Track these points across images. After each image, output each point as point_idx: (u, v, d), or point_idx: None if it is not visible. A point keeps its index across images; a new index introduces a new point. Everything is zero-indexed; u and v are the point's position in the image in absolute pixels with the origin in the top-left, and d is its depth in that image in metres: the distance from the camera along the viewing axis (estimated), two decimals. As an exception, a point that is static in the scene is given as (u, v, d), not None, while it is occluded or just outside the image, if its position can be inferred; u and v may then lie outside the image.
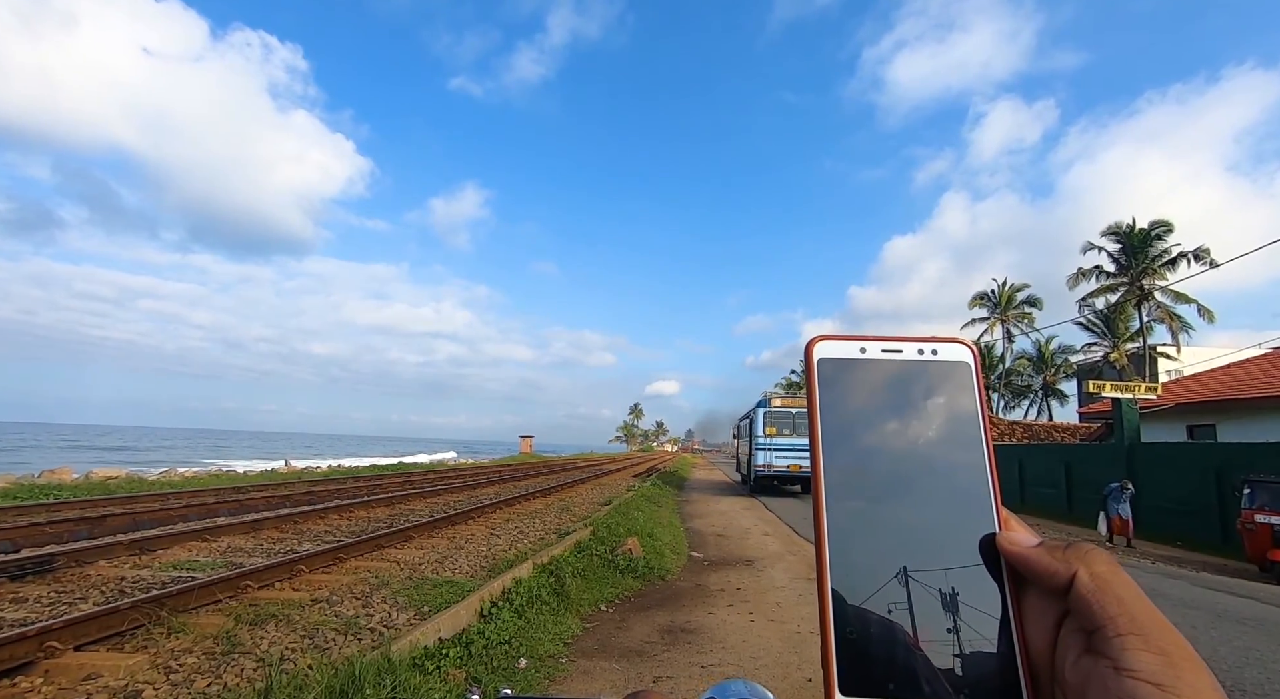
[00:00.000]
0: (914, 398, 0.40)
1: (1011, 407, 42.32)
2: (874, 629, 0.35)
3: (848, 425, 0.39)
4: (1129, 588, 0.32)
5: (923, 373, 0.41)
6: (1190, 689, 0.28)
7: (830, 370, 0.41)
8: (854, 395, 0.40)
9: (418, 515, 11.22)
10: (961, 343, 0.42)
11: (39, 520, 8.40)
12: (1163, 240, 30.11)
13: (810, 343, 0.41)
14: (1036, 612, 0.35)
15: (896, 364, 0.41)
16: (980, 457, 0.39)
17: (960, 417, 0.40)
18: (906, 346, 0.41)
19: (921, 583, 0.36)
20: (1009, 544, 0.36)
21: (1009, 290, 41.52)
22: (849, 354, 0.41)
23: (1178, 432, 19.44)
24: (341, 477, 20.82)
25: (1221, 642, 5.75)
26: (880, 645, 0.35)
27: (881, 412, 0.40)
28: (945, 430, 0.39)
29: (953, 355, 0.41)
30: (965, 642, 0.35)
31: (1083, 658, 0.32)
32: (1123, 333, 32.60)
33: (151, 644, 4.35)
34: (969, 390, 0.40)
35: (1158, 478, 14.40)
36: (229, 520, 9.54)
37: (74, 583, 5.92)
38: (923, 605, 0.36)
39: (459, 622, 4.91)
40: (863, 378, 0.41)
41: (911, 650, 0.35)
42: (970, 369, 0.41)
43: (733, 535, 11.73)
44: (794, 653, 5.02)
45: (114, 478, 17.10)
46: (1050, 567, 0.34)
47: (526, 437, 71.72)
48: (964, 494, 0.38)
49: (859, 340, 0.42)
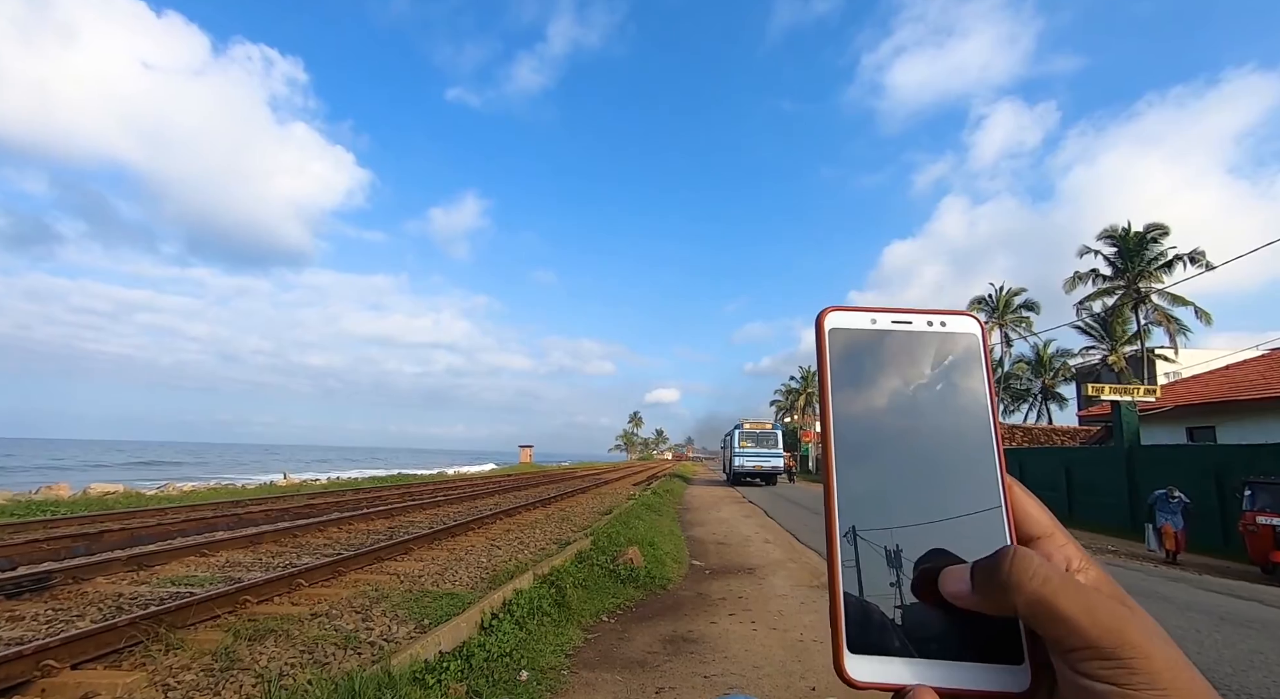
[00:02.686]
0: (922, 367, 0.41)
1: (1011, 411, 42.31)
2: (881, 590, 0.37)
3: (857, 393, 0.41)
4: (1067, 597, 0.31)
5: (931, 344, 0.42)
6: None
7: (840, 340, 0.42)
8: (863, 364, 0.42)
9: (417, 527, 11.17)
10: (970, 316, 0.43)
11: (36, 537, 8.35)
12: (1158, 243, 30.27)
13: (821, 313, 0.43)
14: None
15: (906, 335, 0.42)
16: (986, 426, 0.40)
17: (967, 387, 0.41)
18: (916, 318, 0.43)
19: (926, 546, 0.38)
20: (948, 585, 0.36)
21: (1006, 294, 41.67)
22: (859, 325, 0.43)
23: (1177, 434, 19.45)
24: (340, 489, 20.73)
25: (1225, 645, 5.73)
26: (887, 605, 0.37)
27: (890, 380, 0.41)
28: (952, 400, 0.41)
29: (961, 328, 0.43)
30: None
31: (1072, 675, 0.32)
32: (1120, 336, 32.66)
33: (150, 661, 4.31)
34: (977, 362, 0.42)
35: (1158, 480, 14.37)
36: (227, 535, 9.49)
37: (71, 600, 5.87)
38: (928, 568, 0.37)
39: (459, 634, 4.88)
40: (873, 347, 0.42)
41: (917, 610, 0.37)
42: (978, 341, 0.42)
43: (734, 543, 11.69)
44: (797, 662, 4.99)
45: (111, 493, 17.03)
46: (988, 606, 0.34)
47: (526, 446, 71.59)
48: (970, 461, 0.40)
49: (869, 311, 0.43)
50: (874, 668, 0.36)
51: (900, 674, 0.36)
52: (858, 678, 0.36)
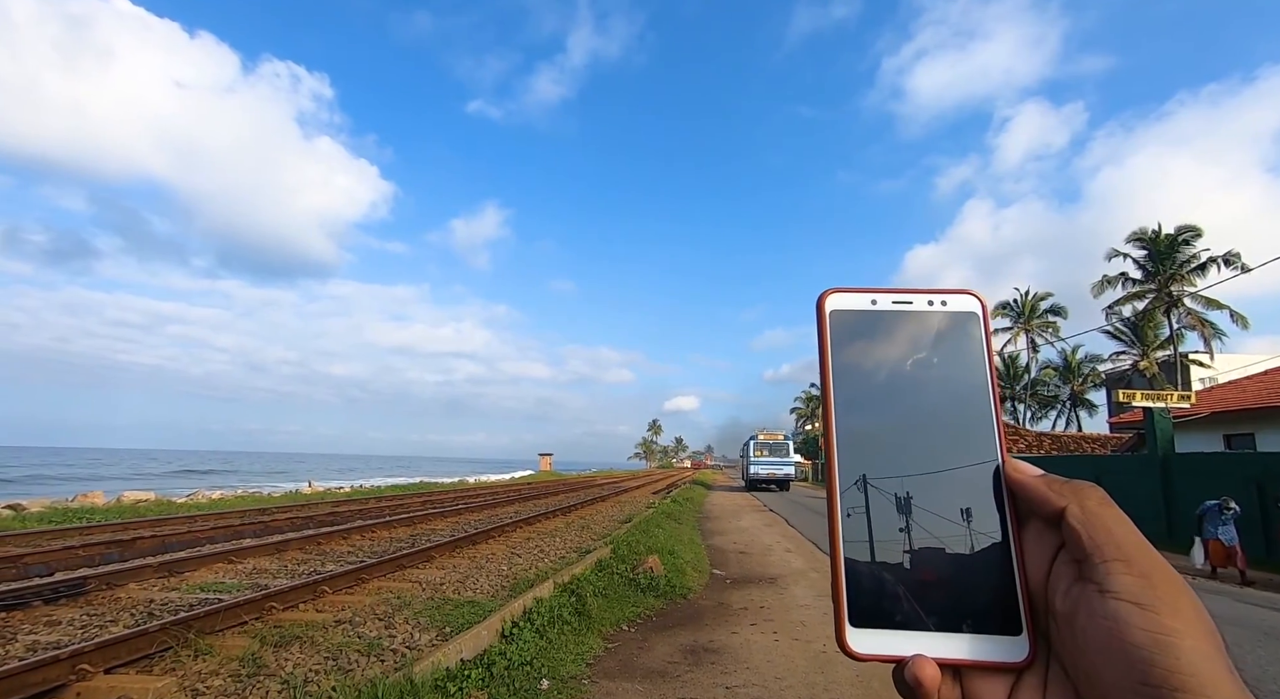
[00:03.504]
0: (923, 346, 0.42)
1: (1038, 417, 41.42)
2: (881, 565, 0.38)
3: (858, 373, 0.42)
4: (1118, 520, 0.34)
5: (932, 323, 0.43)
6: (1169, 606, 0.31)
7: (841, 321, 0.43)
8: (864, 344, 0.42)
9: (439, 535, 11.26)
10: (970, 294, 0.44)
11: (72, 544, 8.58)
12: (1190, 245, 29.48)
13: (822, 295, 0.44)
14: (1035, 546, 0.38)
15: (907, 314, 0.43)
16: (987, 405, 0.41)
17: (969, 365, 0.42)
18: (917, 298, 0.43)
19: (928, 521, 0.38)
20: (1014, 472, 0.38)
21: (1031, 299, 40.87)
22: (860, 306, 0.43)
23: (1214, 441, 18.84)
24: (363, 497, 20.99)
25: (1271, 660, 5.51)
26: (888, 580, 0.38)
27: (890, 359, 0.42)
28: (954, 378, 0.41)
29: (962, 306, 0.43)
30: (968, 575, 0.38)
31: (1073, 586, 0.34)
32: (1152, 341, 31.83)
33: (179, 666, 4.40)
34: (977, 340, 0.42)
35: (1195, 490, 13.93)
36: (254, 542, 9.65)
37: (105, 605, 6.02)
38: (928, 542, 0.38)
39: (481, 642, 4.89)
40: (874, 327, 0.43)
41: (917, 583, 0.38)
42: (979, 319, 0.43)
43: (754, 552, 11.57)
44: (820, 673, 4.92)
45: (143, 501, 17.44)
46: (1046, 496, 0.36)
47: (546, 454, 71.91)
48: (970, 438, 0.40)
49: (870, 292, 0.44)
50: (875, 640, 0.37)
51: (901, 646, 0.37)
52: (859, 650, 0.37)
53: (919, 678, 0.35)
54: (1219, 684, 0.29)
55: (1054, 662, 0.36)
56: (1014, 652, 0.36)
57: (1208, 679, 0.29)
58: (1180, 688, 0.29)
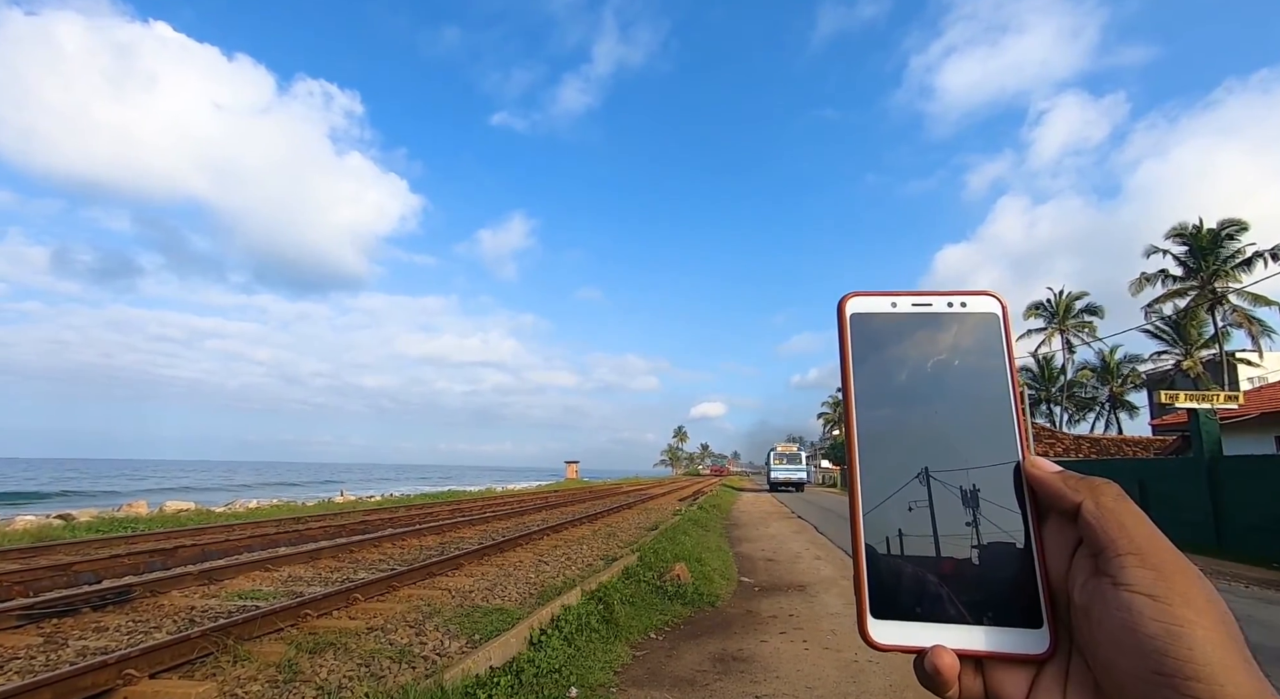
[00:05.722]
0: (944, 347, 0.43)
1: (1076, 420, 40.22)
2: (903, 558, 0.39)
3: (879, 375, 0.42)
4: (1132, 515, 0.35)
5: (952, 324, 0.43)
6: (1181, 597, 0.32)
7: (862, 324, 0.44)
8: (885, 347, 0.43)
9: (467, 543, 11.37)
10: (990, 295, 0.44)
11: (118, 553, 8.90)
12: (1235, 240, 28.42)
13: (843, 299, 0.45)
14: (1055, 540, 0.38)
15: (927, 316, 0.44)
16: (1007, 403, 0.41)
17: (989, 365, 0.42)
18: (936, 300, 0.44)
19: (949, 516, 0.39)
20: (1033, 468, 0.39)
21: (1066, 299, 39.77)
22: (880, 309, 0.44)
23: (1265, 443, 18.07)
24: (394, 505, 21.32)
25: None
26: (909, 573, 0.39)
27: (912, 360, 0.43)
28: (975, 379, 0.42)
29: (982, 307, 0.44)
30: (989, 569, 0.38)
31: (1090, 580, 0.35)
32: (1195, 339, 30.69)
33: (219, 672, 4.52)
34: (998, 340, 0.43)
35: (1246, 494, 13.35)
36: (289, 550, 9.88)
37: (149, 612, 6.22)
38: (950, 536, 0.39)
39: (509, 650, 4.93)
40: (894, 329, 0.43)
41: (938, 577, 0.38)
42: (999, 320, 0.43)
43: (783, 560, 11.43)
44: (851, 683, 4.83)
45: (184, 511, 17.97)
46: (1063, 491, 0.37)
47: (572, 462, 72.14)
48: (991, 436, 0.41)
49: (890, 296, 0.45)
50: (897, 631, 0.38)
51: (922, 637, 0.38)
52: (881, 641, 0.38)
53: (937, 666, 0.36)
54: (1232, 672, 0.29)
55: (1075, 654, 0.36)
56: (1035, 644, 0.37)
57: (1220, 668, 0.29)
58: (1193, 677, 0.29)
